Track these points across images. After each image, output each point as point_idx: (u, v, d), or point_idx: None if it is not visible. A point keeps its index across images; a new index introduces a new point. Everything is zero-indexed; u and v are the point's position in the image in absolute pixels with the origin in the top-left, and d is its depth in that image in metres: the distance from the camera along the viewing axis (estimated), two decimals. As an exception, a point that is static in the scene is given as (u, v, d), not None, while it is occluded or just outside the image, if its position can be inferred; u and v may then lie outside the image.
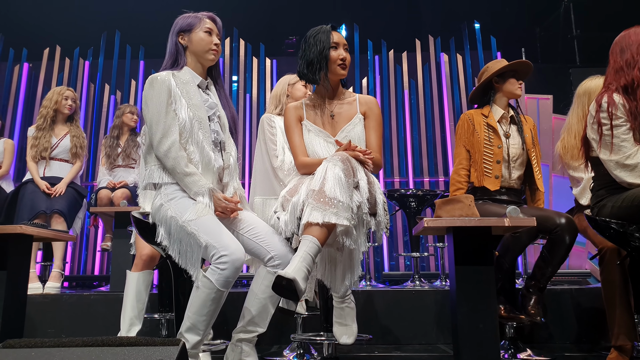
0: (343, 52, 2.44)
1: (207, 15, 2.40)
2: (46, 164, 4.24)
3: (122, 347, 1.43)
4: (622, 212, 2.35)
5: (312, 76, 2.45)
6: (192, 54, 2.36)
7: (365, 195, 2.17)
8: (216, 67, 2.48)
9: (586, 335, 3.40)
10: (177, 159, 2.15)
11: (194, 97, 2.27)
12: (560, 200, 5.66)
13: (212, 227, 2.08)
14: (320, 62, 2.42)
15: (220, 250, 2.01)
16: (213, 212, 2.15)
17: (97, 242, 6.38)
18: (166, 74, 2.27)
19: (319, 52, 2.42)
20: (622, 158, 2.35)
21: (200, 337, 2.07)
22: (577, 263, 5.42)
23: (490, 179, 2.95)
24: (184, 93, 2.25)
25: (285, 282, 1.85)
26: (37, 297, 3.61)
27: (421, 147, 6.69)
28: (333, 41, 2.43)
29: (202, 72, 2.39)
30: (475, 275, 2.10)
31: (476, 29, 7.00)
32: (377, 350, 3.22)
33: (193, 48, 2.35)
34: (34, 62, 7.03)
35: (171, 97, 2.22)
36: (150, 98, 2.22)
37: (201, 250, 2.06)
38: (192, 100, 2.25)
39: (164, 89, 2.21)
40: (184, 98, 2.24)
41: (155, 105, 2.20)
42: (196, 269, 2.08)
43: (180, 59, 2.35)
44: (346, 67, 2.45)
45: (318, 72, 2.43)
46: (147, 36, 6.87)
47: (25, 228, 2.25)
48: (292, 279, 1.84)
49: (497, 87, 3.08)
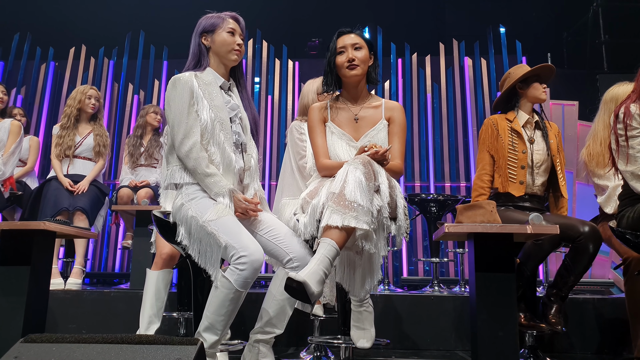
0: (351, 52, 2.41)
1: (230, 15, 2.40)
2: (70, 162, 4.30)
3: (141, 345, 1.44)
4: (635, 223, 2.33)
5: (327, 87, 2.48)
6: (215, 55, 2.36)
7: (386, 199, 2.15)
8: (239, 68, 2.47)
9: (608, 346, 3.34)
10: (198, 160, 2.16)
11: (215, 98, 2.27)
12: (584, 208, 5.57)
13: (232, 227, 2.08)
14: (331, 72, 2.46)
15: (239, 251, 2.01)
16: (233, 212, 2.15)
17: (118, 240, 6.45)
18: (189, 74, 2.27)
19: (327, 62, 2.45)
20: (637, 169, 2.33)
21: (217, 336, 2.07)
22: (600, 272, 5.33)
23: (515, 184, 2.91)
24: (206, 94, 2.25)
25: (296, 284, 1.84)
26: (58, 292, 3.65)
27: (443, 152, 6.64)
28: (339, 46, 2.43)
29: (225, 73, 2.40)
30: (495, 282, 2.07)
31: (501, 33, 6.93)
32: (395, 355, 3.20)
33: (216, 49, 2.35)
34: (59, 61, 7.14)
35: (193, 98, 2.23)
36: (172, 99, 2.23)
37: (220, 251, 2.06)
38: (214, 102, 2.26)
39: (186, 90, 2.22)
40: (206, 99, 2.24)
41: (177, 106, 2.21)
42: (215, 268, 2.09)
43: (203, 60, 2.36)
44: (355, 67, 2.41)
45: (329, 83, 2.47)
46: (171, 36, 6.94)
47: (49, 225, 2.28)
48: (302, 282, 1.84)
49: (521, 92, 3.04)
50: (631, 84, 2.99)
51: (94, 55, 7.08)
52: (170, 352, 1.42)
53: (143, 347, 1.43)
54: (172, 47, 7.10)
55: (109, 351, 1.41)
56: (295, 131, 3.05)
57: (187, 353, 1.43)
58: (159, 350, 1.42)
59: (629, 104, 2.38)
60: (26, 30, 7.20)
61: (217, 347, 2.12)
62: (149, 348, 1.43)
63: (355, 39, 2.45)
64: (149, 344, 1.45)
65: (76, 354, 1.41)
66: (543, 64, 3.05)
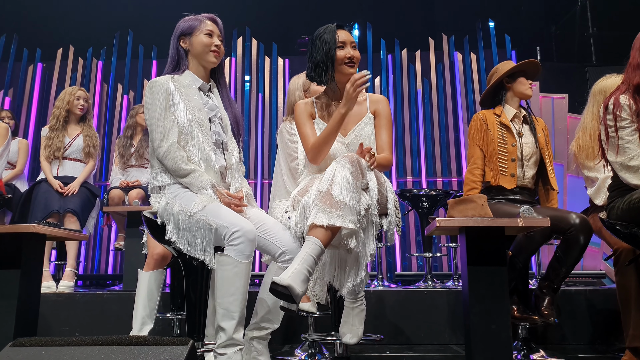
0: (350, 50, 2.40)
1: (208, 17, 2.42)
2: (59, 164, 4.27)
3: (131, 346, 1.43)
4: (624, 214, 2.34)
5: (319, 78, 2.43)
6: (194, 57, 2.39)
7: (375, 197, 2.16)
8: (219, 68, 2.50)
9: (600, 336, 3.36)
10: (176, 159, 2.19)
11: (193, 99, 2.30)
12: (574, 200, 5.60)
13: (220, 210, 2.12)
14: (326, 63, 2.39)
15: (231, 228, 2.05)
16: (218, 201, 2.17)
17: (110, 241, 6.42)
18: (165, 78, 2.31)
19: (325, 53, 2.38)
20: (627, 160, 2.34)
21: (235, 319, 2.05)
22: (592, 264, 5.36)
23: (506, 177, 2.93)
24: (183, 96, 2.29)
25: (281, 288, 1.86)
26: (50, 295, 3.63)
27: (434, 147, 6.65)
28: (339, 40, 2.40)
29: (204, 74, 2.42)
30: (488, 275, 2.08)
31: (490, 27, 6.94)
32: (389, 350, 3.21)
33: (194, 51, 2.37)
34: (47, 62, 7.08)
35: (169, 100, 2.26)
36: (149, 102, 2.27)
37: (212, 234, 2.08)
38: (192, 103, 2.29)
39: (162, 93, 2.26)
40: (183, 101, 2.28)
41: (154, 109, 2.25)
42: (209, 253, 2.09)
43: (181, 63, 2.39)
44: (354, 65, 2.40)
45: (325, 74, 2.40)
46: (160, 36, 6.86)
47: (39, 227, 2.27)
48: (286, 285, 1.85)
49: (508, 87, 3.08)
50: (619, 76, 3.01)
51: (82, 56, 7.02)
52: (162, 353, 1.41)
53: (134, 348, 1.42)
54: (160, 46, 7.05)
55: (99, 353, 1.40)
56: (285, 132, 3.01)
57: (178, 353, 1.42)
58: (150, 351, 1.41)
59: (618, 95, 2.39)
60: (12, 31, 7.13)
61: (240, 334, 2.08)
62: (139, 349, 1.42)
63: (350, 37, 2.45)
64: (139, 345, 1.44)
65: (66, 357, 1.40)
66: (529, 59, 3.08)
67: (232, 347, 2.05)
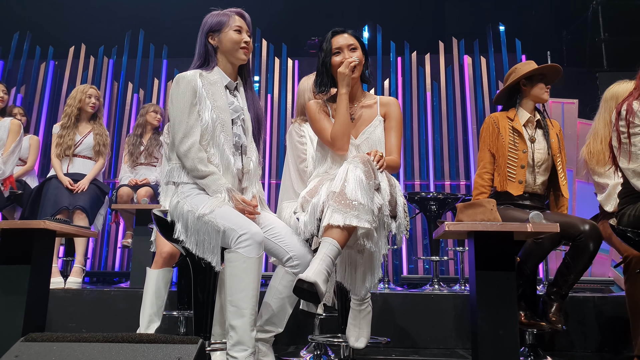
0: (347, 53, 2.39)
1: (236, 12, 2.36)
2: (69, 161, 4.30)
3: (141, 344, 1.44)
4: (636, 221, 2.32)
5: (317, 88, 2.44)
6: (223, 54, 2.33)
7: (386, 198, 2.16)
8: (246, 66, 2.44)
9: (608, 344, 3.34)
10: (196, 160, 2.16)
11: (219, 99, 2.26)
12: (584, 206, 5.57)
13: (229, 214, 2.09)
14: (322, 73, 2.42)
15: (238, 231, 2.03)
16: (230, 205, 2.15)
17: (118, 238, 6.45)
18: (193, 73, 2.25)
19: (322, 62, 2.41)
20: (639, 166, 2.31)
21: (246, 317, 2.00)
22: (601, 271, 5.32)
23: (514, 183, 2.90)
24: (209, 94, 2.24)
25: (307, 285, 1.85)
26: (58, 291, 3.65)
27: (443, 150, 6.64)
28: (334, 47, 2.40)
29: (233, 72, 2.37)
30: (495, 280, 2.07)
31: (501, 31, 6.92)
32: (395, 353, 3.20)
33: (224, 48, 2.32)
34: (59, 60, 7.14)
35: (196, 97, 2.21)
36: (175, 96, 2.22)
37: (220, 236, 2.06)
38: (217, 102, 2.25)
39: (189, 89, 2.21)
40: (209, 99, 2.23)
41: (179, 104, 2.20)
42: (216, 254, 2.08)
43: (210, 60, 2.33)
44: (353, 69, 2.37)
45: (321, 84, 2.42)
46: (171, 35, 6.94)
47: (49, 223, 2.28)
48: (313, 282, 1.84)
49: (525, 90, 3.01)
50: (631, 82, 2.99)
51: (94, 54, 7.07)
52: (171, 351, 1.42)
53: (144, 346, 1.43)
54: (171, 45, 7.09)
55: (110, 350, 1.41)
56: (294, 134, 3.01)
57: (187, 352, 1.43)
58: (160, 349, 1.42)
59: (631, 101, 2.37)
60: (26, 29, 7.20)
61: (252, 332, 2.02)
62: (149, 347, 1.43)
63: (349, 39, 2.43)
64: (149, 342, 1.45)
65: (77, 352, 1.41)
66: (550, 63, 3.02)
67: (244, 352, 1.99)
